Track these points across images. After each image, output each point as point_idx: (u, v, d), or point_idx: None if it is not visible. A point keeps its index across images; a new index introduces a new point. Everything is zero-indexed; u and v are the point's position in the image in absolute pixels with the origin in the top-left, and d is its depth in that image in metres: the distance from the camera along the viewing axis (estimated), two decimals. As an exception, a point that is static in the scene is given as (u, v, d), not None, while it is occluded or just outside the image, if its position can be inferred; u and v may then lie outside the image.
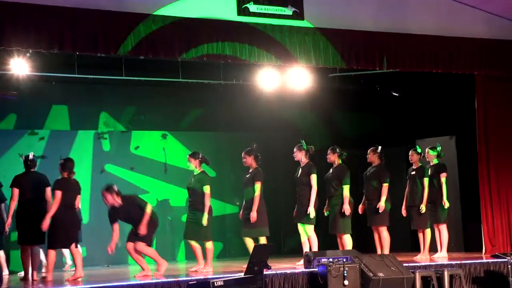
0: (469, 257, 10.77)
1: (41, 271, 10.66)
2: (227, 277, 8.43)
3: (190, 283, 8.46)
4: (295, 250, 10.74)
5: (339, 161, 10.87)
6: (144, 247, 9.81)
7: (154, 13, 9.72)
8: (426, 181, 11.15)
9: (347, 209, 10.57)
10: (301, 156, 10.72)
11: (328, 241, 11.34)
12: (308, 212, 10.46)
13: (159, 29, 9.72)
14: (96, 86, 12.54)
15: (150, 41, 9.66)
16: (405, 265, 9.70)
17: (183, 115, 13.79)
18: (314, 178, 10.55)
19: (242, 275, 8.48)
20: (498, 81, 11.80)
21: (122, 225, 10.01)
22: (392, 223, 11.05)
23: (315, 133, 14.08)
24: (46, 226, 9.48)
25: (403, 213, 11.34)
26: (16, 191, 9.80)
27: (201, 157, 10.27)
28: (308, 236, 10.59)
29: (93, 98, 12.76)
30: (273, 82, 12.23)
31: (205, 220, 9.98)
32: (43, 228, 9.51)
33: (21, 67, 10.93)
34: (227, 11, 10.16)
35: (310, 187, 10.54)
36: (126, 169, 13.03)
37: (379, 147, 11.15)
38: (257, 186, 10.35)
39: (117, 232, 9.81)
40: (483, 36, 11.52)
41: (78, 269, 9.67)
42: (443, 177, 11.21)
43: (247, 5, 10.22)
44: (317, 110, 14.20)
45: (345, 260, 9.43)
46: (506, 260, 9.91)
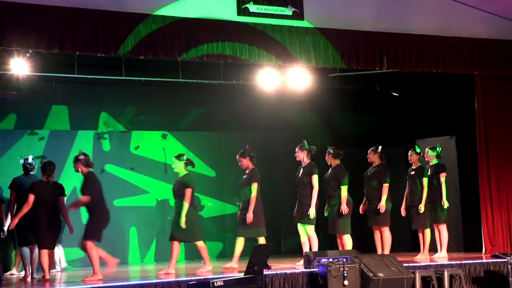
0: (469, 257, 10.77)
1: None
2: (227, 277, 8.44)
3: (190, 283, 8.46)
4: (295, 250, 10.73)
5: (337, 162, 10.89)
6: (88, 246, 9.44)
7: (154, 13, 9.72)
8: (425, 181, 11.15)
9: (344, 209, 10.57)
10: (303, 156, 10.71)
11: (328, 241, 11.35)
12: (309, 212, 10.47)
13: (159, 29, 9.72)
14: (96, 86, 12.54)
15: (150, 41, 9.66)
16: (405, 265, 9.70)
17: (183, 115, 13.78)
18: (315, 178, 10.56)
19: (242, 275, 8.49)
20: (498, 81, 11.81)
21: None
22: (392, 223, 11.04)
23: (315, 133, 14.07)
24: (13, 226, 9.58)
25: (403, 213, 11.36)
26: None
27: (185, 159, 10.17)
28: (308, 236, 10.60)
29: (93, 98, 12.76)
30: (273, 82, 12.23)
31: (183, 222, 9.79)
32: (10, 227, 9.71)
33: (21, 67, 10.93)
34: (227, 11, 10.16)
35: (311, 187, 10.54)
36: (126, 169, 13.02)
37: (380, 147, 11.14)
38: (254, 187, 10.35)
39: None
40: (483, 36, 11.53)
41: (46, 270, 9.52)
42: (443, 177, 11.21)
43: (247, 5, 10.22)
44: (317, 110, 14.20)
45: (345, 260, 9.44)
46: (506, 260, 9.91)
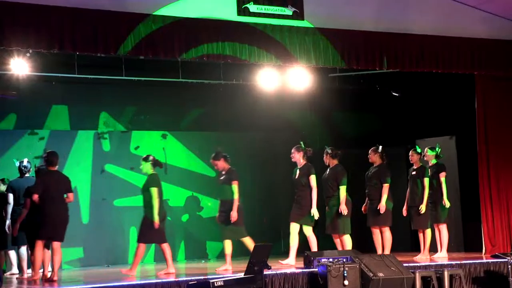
0: (469, 257, 10.77)
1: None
2: (227, 277, 8.44)
3: (190, 283, 8.47)
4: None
5: (335, 162, 10.84)
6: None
7: (154, 13, 9.72)
8: (426, 181, 11.13)
9: (343, 209, 10.53)
10: (299, 157, 10.66)
11: (327, 241, 11.34)
12: (311, 213, 10.42)
13: (159, 29, 9.72)
14: (96, 86, 12.54)
15: (150, 41, 9.66)
16: (405, 265, 9.70)
17: (183, 115, 13.79)
18: (313, 178, 10.53)
19: (242, 275, 8.49)
20: (498, 81, 11.80)
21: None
22: (392, 223, 11.02)
23: (315, 133, 14.07)
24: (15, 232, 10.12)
25: (404, 213, 11.34)
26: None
27: (152, 159, 10.18)
28: (307, 236, 10.56)
29: (93, 98, 12.76)
30: (273, 82, 12.23)
31: (156, 221, 9.81)
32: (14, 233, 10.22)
33: (21, 67, 10.93)
34: (227, 11, 10.15)
35: (309, 188, 10.51)
36: (126, 169, 13.02)
37: (380, 147, 11.13)
38: (235, 186, 10.28)
39: None
40: (483, 36, 11.52)
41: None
42: (442, 177, 11.20)
43: (247, 5, 10.22)
44: (317, 110, 14.20)
45: (345, 260, 9.44)
46: (506, 260, 9.91)
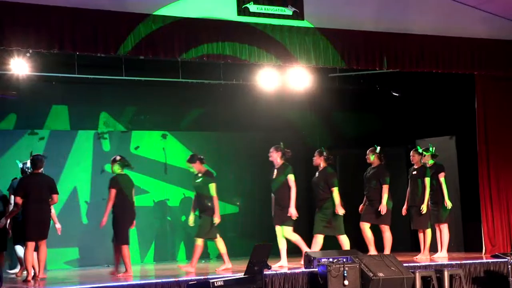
0: (469, 257, 10.77)
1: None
2: (227, 277, 8.44)
3: (190, 283, 8.47)
4: (292, 250, 10.70)
5: (325, 164, 10.73)
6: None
7: (154, 13, 9.72)
8: (427, 181, 11.12)
9: (340, 210, 10.44)
10: (276, 156, 10.49)
11: (326, 242, 11.32)
12: (289, 214, 10.25)
13: (159, 29, 9.72)
14: (96, 86, 12.54)
15: (150, 41, 9.66)
16: (405, 265, 9.70)
17: (183, 115, 13.79)
18: (292, 178, 10.34)
19: (242, 275, 8.49)
20: (498, 81, 11.80)
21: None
22: (392, 223, 11.03)
23: (315, 133, 14.07)
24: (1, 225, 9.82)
25: (403, 212, 11.33)
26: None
27: (119, 160, 10.26)
28: (287, 238, 10.35)
29: (93, 98, 12.76)
30: (273, 82, 12.22)
31: (103, 222, 10.03)
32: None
33: (21, 67, 10.92)
34: (227, 11, 10.15)
35: (288, 188, 10.34)
36: (126, 169, 12.99)
37: (378, 148, 11.12)
38: (212, 187, 10.30)
39: None
40: (483, 36, 11.52)
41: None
42: (442, 177, 11.19)
43: (247, 5, 10.22)
44: (317, 110, 14.20)
45: (345, 260, 9.43)
46: (506, 260, 9.91)
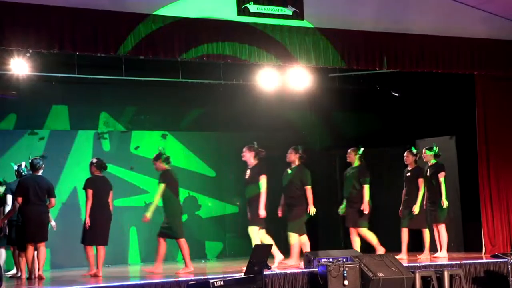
0: (469, 257, 10.77)
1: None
2: (227, 277, 8.44)
3: (190, 283, 8.47)
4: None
5: (299, 162, 10.67)
6: None
7: (154, 13, 9.72)
8: (421, 182, 11.09)
9: (313, 210, 10.38)
10: (249, 156, 10.41)
11: (326, 242, 11.33)
12: (259, 214, 10.17)
13: (159, 29, 9.72)
14: (96, 86, 12.53)
15: (150, 41, 9.66)
16: (405, 265, 9.70)
17: (183, 115, 13.79)
18: (264, 179, 10.25)
19: (242, 275, 8.49)
20: (498, 81, 11.80)
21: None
22: (392, 223, 11.03)
23: (315, 133, 14.07)
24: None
25: (400, 213, 11.27)
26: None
27: (94, 162, 10.34)
28: (260, 239, 10.25)
29: (93, 98, 12.76)
30: (273, 82, 12.21)
31: (86, 223, 10.04)
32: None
33: (21, 67, 10.91)
34: (227, 11, 10.15)
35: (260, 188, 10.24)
36: (126, 169, 13.02)
37: (362, 149, 11.04)
38: (161, 186, 10.31)
39: None
40: (483, 36, 11.52)
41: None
42: (442, 177, 11.18)
43: (247, 5, 10.22)
44: (317, 110, 14.19)
45: (345, 260, 9.43)
46: (506, 260, 9.91)
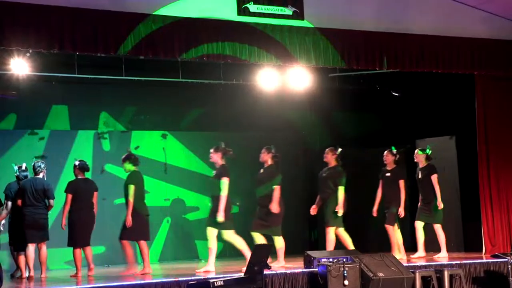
0: (469, 257, 10.76)
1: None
2: (227, 277, 8.44)
3: (190, 283, 8.47)
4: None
5: (271, 162, 10.63)
6: None
7: (154, 13, 9.73)
8: (402, 183, 11.06)
9: (275, 209, 10.33)
10: (216, 157, 10.30)
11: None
12: (218, 216, 10.00)
13: (159, 29, 9.72)
14: (96, 86, 12.55)
15: (150, 41, 9.67)
16: (405, 265, 9.70)
17: (183, 115, 13.79)
18: (225, 181, 10.07)
19: (242, 275, 8.49)
20: (498, 81, 11.80)
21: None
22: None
23: (315, 133, 14.08)
24: None
25: (374, 214, 11.18)
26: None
27: (77, 164, 10.48)
28: (229, 239, 10.19)
29: (93, 98, 12.77)
30: (273, 82, 12.22)
31: (62, 225, 10.27)
32: None
33: (21, 67, 10.92)
34: (227, 11, 10.16)
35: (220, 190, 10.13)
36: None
37: (339, 149, 11.00)
38: (131, 188, 10.31)
39: None
40: (483, 36, 11.53)
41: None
42: (434, 179, 11.14)
43: (247, 5, 10.22)
44: (317, 110, 14.20)
45: (345, 260, 9.43)
46: (506, 260, 9.91)
